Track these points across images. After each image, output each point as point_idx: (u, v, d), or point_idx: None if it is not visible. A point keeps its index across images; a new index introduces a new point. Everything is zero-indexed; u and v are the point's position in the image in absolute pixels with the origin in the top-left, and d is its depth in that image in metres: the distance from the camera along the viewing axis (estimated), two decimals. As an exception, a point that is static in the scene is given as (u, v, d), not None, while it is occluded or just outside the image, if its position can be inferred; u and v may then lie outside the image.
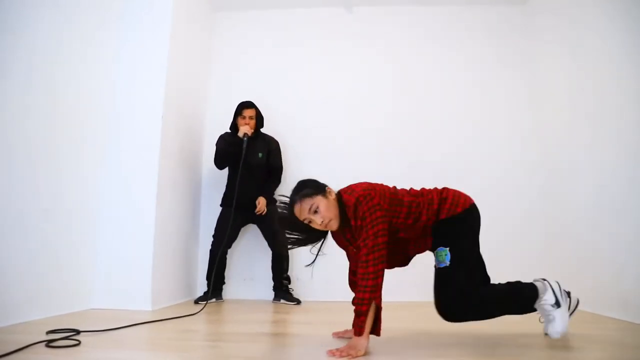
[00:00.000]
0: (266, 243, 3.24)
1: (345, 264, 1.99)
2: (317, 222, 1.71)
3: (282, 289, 3.17)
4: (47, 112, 2.35)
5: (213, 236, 3.19)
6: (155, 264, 2.73)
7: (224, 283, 3.28)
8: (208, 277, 3.16)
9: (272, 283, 3.23)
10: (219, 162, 3.23)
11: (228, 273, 3.33)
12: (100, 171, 2.78)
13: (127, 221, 2.74)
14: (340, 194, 1.78)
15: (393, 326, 2.06)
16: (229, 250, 3.26)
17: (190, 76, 3.39)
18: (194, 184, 3.48)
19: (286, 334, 2.05)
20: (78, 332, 1.86)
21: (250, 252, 3.45)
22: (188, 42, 3.33)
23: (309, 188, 1.75)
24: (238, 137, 3.15)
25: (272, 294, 3.23)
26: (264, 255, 3.29)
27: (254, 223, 3.27)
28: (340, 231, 1.82)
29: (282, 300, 3.16)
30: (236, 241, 3.28)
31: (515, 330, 2.12)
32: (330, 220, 1.71)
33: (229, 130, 3.31)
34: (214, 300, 3.13)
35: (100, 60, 2.79)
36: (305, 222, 1.74)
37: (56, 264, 2.40)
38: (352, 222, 1.70)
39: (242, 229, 3.31)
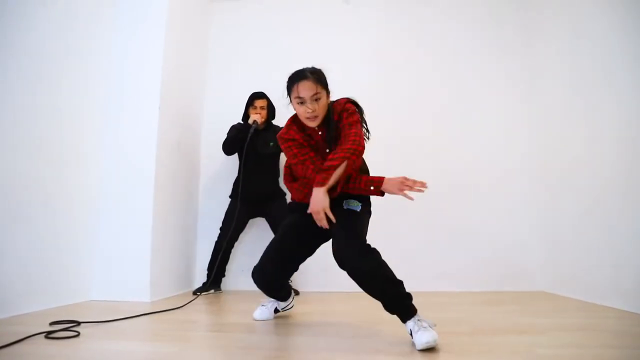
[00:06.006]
0: (270, 236, 3.23)
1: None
2: (310, 108, 1.77)
3: None
4: (46, 106, 2.34)
5: (220, 229, 3.17)
6: (154, 256, 2.73)
7: (223, 276, 3.28)
8: (209, 268, 3.16)
9: None
10: (227, 148, 3.19)
11: (228, 265, 3.33)
12: (98, 163, 2.78)
13: (125, 213, 2.74)
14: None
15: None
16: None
17: (187, 67, 3.37)
18: (192, 175, 3.47)
19: (284, 324, 2.06)
20: (78, 323, 1.87)
21: (250, 244, 3.45)
22: (184, 32, 3.31)
23: (324, 78, 1.83)
24: (248, 123, 3.15)
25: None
26: (262, 247, 3.29)
27: (262, 217, 3.24)
28: (310, 132, 1.88)
29: None
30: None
31: (514, 319, 2.14)
32: (317, 116, 1.79)
33: (242, 122, 3.30)
34: (212, 291, 3.14)
35: (96, 52, 2.76)
36: (296, 99, 1.78)
37: (56, 256, 2.40)
38: (336, 117, 1.82)
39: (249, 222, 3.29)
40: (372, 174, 2.05)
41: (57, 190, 2.43)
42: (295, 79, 1.79)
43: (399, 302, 1.63)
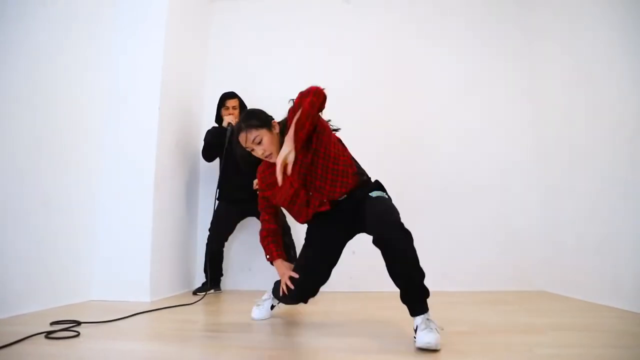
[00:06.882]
0: None
1: (346, 255, 1.98)
2: (259, 152, 1.85)
3: None
4: (46, 106, 2.34)
5: (209, 230, 3.18)
6: (154, 256, 2.73)
7: (222, 275, 3.28)
8: (205, 271, 3.16)
9: (272, 273, 3.23)
10: (206, 154, 3.22)
11: (226, 264, 3.33)
12: (98, 163, 2.78)
13: (125, 213, 2.74)
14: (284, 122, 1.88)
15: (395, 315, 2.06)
16: (226, 243, 3.25)
17: (186, 67, 3.37)
18: (192, 175, 3.48)
19: (284, 324, 2.06)
20: (79, 323, 1.87)
21: (249, 243, 3.45)
22: (184, 32, 3.31)
23: (256, 119, 1.85)
24: (223, 127, 3.15)
25: (271, 284, 3.23)
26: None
27: (253, 216, 3.25)
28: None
29: None
30: (235, 233, 3.27)
31: (514, 318, 2.14)
32: (270, 153, 1.84)
33: (215, 124, 3.30)
34: (212, 291, 3.14)
35: (96, 52, 2.76)
36: (248, 149, 1.87)
37: (56, 256, 2.40)
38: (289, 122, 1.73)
39: (240, 222, 3.29)
40: (371, 173, 2.05)
41: (57, 190, 2.43)
42: (237, 136, 1.87)
43: (419, 293, 1.62)
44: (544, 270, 3.20)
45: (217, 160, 3.35)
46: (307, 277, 1.88)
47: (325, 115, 1.98)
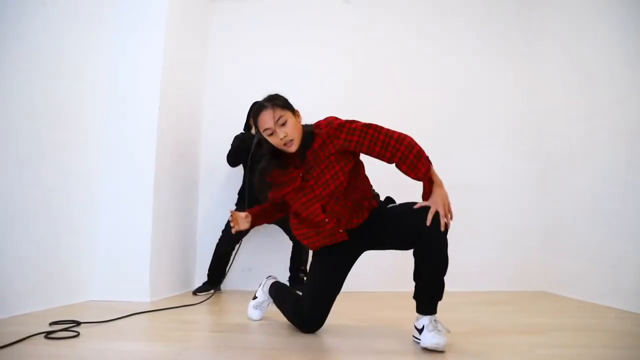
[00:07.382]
0: (274, 233, 3.22)
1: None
2: (280, 135, 1.66)
3: (297, 280, 3.16)
4: (45, 106, 2.34)
5: (222, 232, 3.16)
6: (153, 256, 2.73)
7: (224, 277, 3.28)
8: (210, 270, 3.16)
9: (271, 273, 3.23)
10: (231, 159, 3.18)
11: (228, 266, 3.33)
12: (98, 164, 2.77)
13: (125, 213, 2.74)
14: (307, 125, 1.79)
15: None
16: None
17: (186, 67, 3.37)
18: (192, 176, 3.47)
19: (284, 324, 2.06)
20: (78, 323, 1.87)
21: (249, 244, 3.45)
22: (184, 32, 3.31)
23: (281, 100, 1.73)
24: (251, 133, 3.13)
25: (269, 285, 3.23)
26: (264, 247, 3.29)
27: (270, 223, 3.24)
28: (289, 159, 1.78)
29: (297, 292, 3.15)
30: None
31: (514, 319, 2.14)
32: (292, 140, 1.68)
33: (243, 131, 3.28)
34: (212, 291, 3.14)
35: (96, 52, 2.76)
36: (265, 133, 1.69)
37: (56, 256, 2.40)
38: (318, 143, 1.72)
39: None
40: (371, 173, 2.05)
41: (57, 190, 2.43)
42: (256, 114, 1.71)
43: (437, 291, 1.61)
44: (544, 271, 3.21)
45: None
46: (315, 309, 1.83)
47: (323, 115, 1.98)
